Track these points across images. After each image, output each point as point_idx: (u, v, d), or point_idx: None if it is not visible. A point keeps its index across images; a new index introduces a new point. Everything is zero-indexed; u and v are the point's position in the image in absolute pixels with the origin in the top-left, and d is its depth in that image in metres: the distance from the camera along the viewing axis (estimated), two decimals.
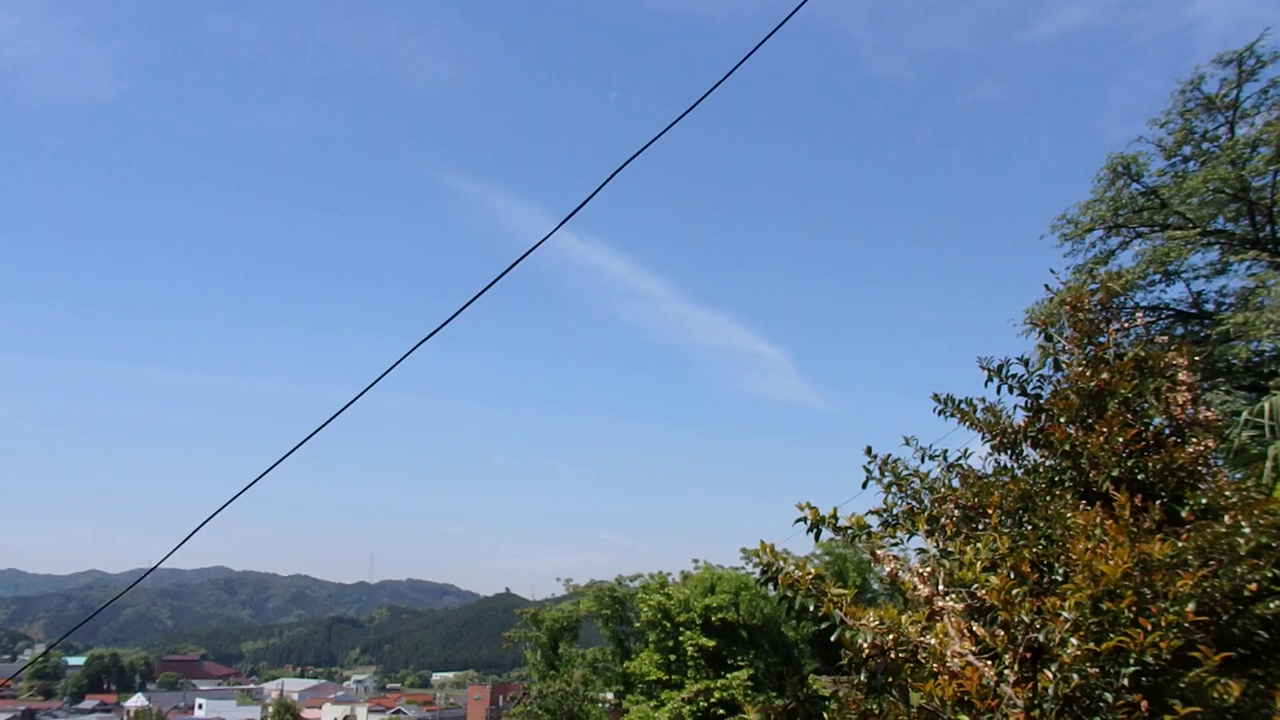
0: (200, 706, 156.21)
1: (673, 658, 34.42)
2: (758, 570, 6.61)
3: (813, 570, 6.28)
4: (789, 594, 6.16)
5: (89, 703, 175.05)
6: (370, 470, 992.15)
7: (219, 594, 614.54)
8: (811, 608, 5.98)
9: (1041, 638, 5.33)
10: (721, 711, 31.61)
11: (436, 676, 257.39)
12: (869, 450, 8.22)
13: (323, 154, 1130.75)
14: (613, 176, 7.83)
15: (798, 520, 7.24)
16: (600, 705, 40.46)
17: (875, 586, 36.80)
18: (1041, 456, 7.76)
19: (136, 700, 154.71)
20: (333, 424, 9.18)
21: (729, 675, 32.67)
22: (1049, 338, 8.50)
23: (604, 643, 42.87)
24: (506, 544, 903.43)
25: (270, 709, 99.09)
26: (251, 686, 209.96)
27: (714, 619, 34.08)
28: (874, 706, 5.83)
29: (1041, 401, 8.04)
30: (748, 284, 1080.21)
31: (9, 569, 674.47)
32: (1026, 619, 5.41)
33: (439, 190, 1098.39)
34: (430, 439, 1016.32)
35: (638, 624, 39.08)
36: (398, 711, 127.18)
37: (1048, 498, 6.87)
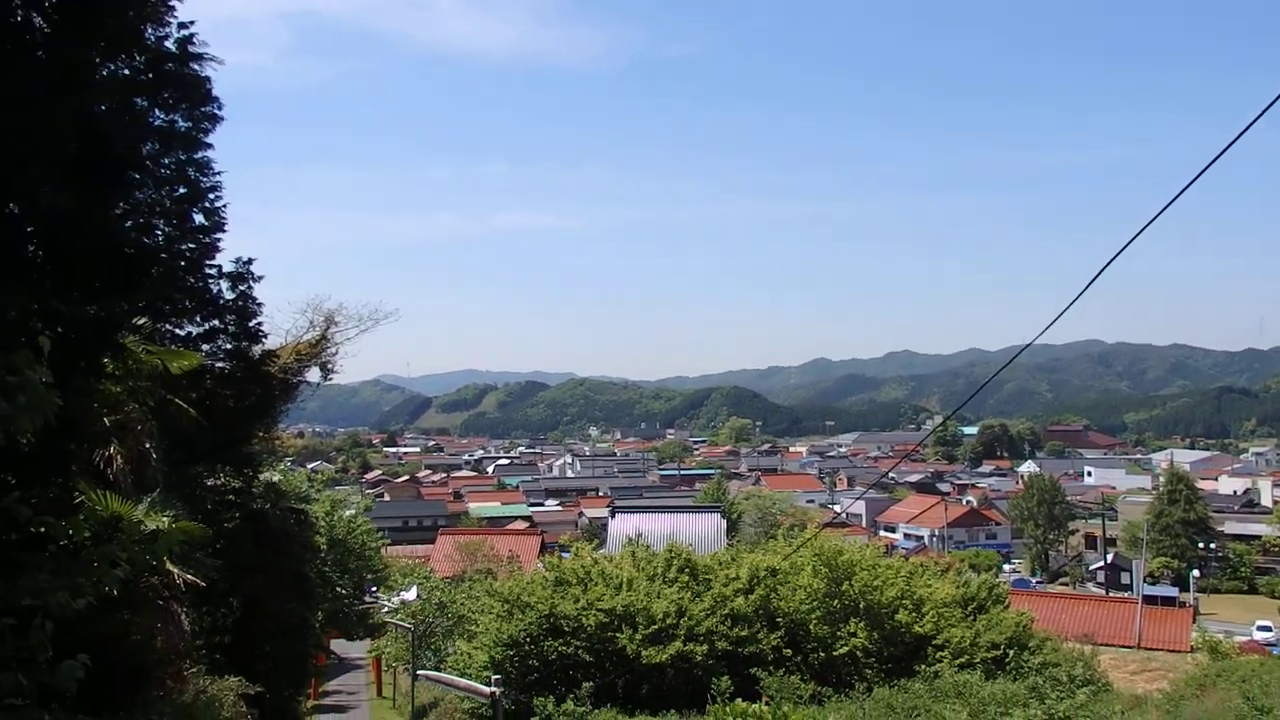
0: (1089, 474, 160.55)
1: None
2: None
3: None
4: None
5: (986, 467, 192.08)
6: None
7: (1093, 367, 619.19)
8: None
9: None
10: None
11: None
12: None
13: None
14: None
15: None
16: None
17: None
18: None
19: (1028, 466, 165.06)
20: None
21: None
22: None
23: None
24: None
25: (1161, 478, 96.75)
26: (1138, 456, 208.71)
27: None
28: None
29: None
30: None
31: (904, 351, 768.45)
32: None
33: None
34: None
35: None
36: None
37: None
